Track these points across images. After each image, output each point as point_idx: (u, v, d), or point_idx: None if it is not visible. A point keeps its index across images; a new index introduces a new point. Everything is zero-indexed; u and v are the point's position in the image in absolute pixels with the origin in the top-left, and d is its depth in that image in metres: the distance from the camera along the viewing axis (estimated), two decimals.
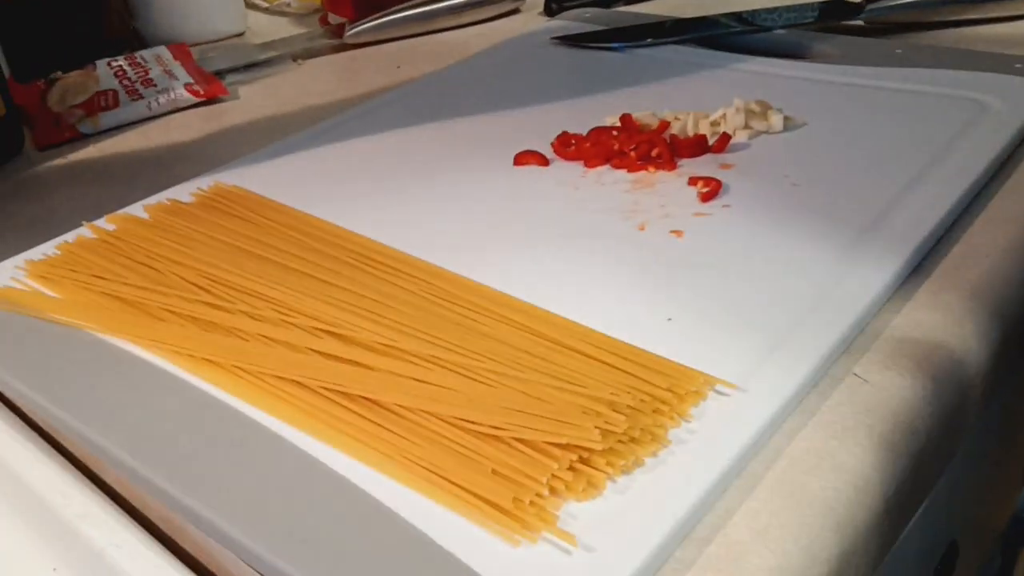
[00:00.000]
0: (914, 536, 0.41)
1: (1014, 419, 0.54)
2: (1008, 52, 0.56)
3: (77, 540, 0.30)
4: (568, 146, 0.49)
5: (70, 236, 0.44)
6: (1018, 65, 0.53)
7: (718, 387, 0.31)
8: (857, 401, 0.31)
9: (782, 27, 0.63)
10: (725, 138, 0.48)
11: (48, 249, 0.43)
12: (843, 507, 0.28)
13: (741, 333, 0.33)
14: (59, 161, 0.58)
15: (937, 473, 0.34)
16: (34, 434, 0.34)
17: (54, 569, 0.30)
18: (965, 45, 0.60)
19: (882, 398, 0.32)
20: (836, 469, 0.29)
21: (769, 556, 0.26)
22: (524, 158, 0.48)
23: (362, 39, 0.74)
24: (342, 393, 0.31)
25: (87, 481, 0.32)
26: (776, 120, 0.49)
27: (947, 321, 0.35)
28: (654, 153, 0.47)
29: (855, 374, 0.33)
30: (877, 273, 0.36)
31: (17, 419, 0.35)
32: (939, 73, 0.54)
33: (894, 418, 0.31)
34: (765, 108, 0.50)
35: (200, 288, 0.38)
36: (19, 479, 0.32)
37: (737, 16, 0.66)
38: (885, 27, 0.65)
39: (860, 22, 0.65)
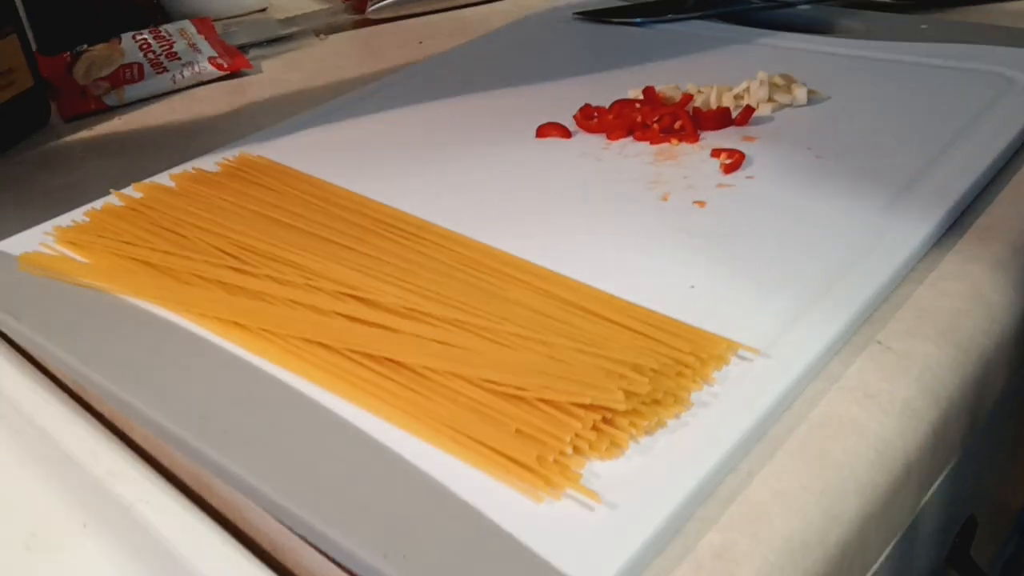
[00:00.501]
0: (933, 507, 0.41)
1: None
2: None
3: (107, 497, 0.30)
4: (590, 119, 0.49)
5: (98, 204, 0.44)
6: None
7: (741, 352, 0.31)
8: (880, 368, 0.31)
9: (806, 2, 0.63)
10: (748, 111, 0.48)
11: (77, 216, 0.43)
12: (864, 471, 0.28)
13: (764, 301, 0.34)
14: (85, 133, 0.59)
15: (959, 442, 0.34)
16: (64, 395, 0.34)
17: (84, 525, 0.30)
18: (990, 21, 0.59)
19: (905, 365, 0.32)
20: (858, 434, 0.29)
21: (791, 517, 0.26)
22: (546, 130, 0.49)
23: (384, 14, 0.74)
24: (367, 355, 0.31)
25: (116, 439, 0.32)
26: (800, 93, 0.49)
27: (972, 291, 0.35)
28: (677, 125, 0.47)
29: (878, 341, 0.33)
30: (901, 243, 0.36)
31: (47, 380, 0.35)
32: (964, 48, 0.53)
33: (917, 385, 0.31)
34: (789, 81, 0.50)
35: (227, 254, 0.38)
36: (50, 438, 0.33)
37: None
38: (910, 3, 0.64)
39: None
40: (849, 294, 0.33)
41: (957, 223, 0.39)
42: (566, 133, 0.48)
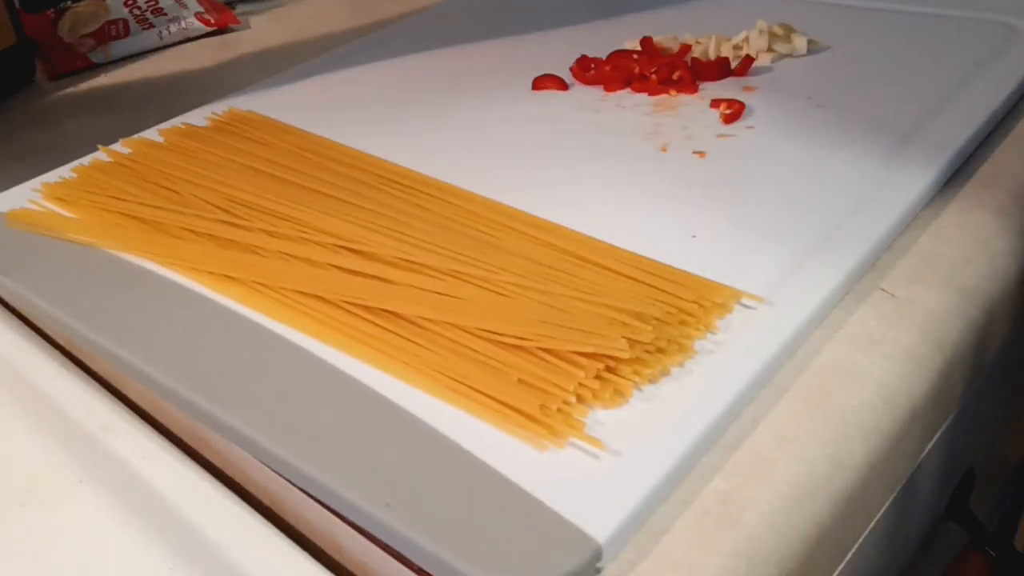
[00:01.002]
0: (934, 458, 0.41)
1: None
2: None
3: (102, 452, 0.30)
4: (587, 70, 0.48)
5: (85, 160, 0.43)
6: None
7: (744, 300, 0.30)
8: (883, 315, 0.31)
9: None
10: (748, 61, 0.47)
11: (64, 172, 0.43)
12: (869, 417, 0.28)
13: (767, 249, 0.33)
14: (71, 90, 0.58)
15: (962, 391, 0.34)
16: (56, 351, 0.34)
17: (80, 481, 0.30)
18: None
19: (909, 312, 0.31)
20: (862, 380, 0.29)
21: (795, 463, 0.26)
22: (543, 82, 0.48)
23: None
24: (364, 307, 0.31)
25: (109, 395, 0.32)
26: (800, 43, 0.48)
27: (975, 239, 0.35)
28: (675, 76, 0.46)
29: (882, 289, 0.32)
30: (904, 190, 0.36)
31: (39, 337, 0.35)
32: None
33: (920, 332, 0.31)
34: (788, 31, 0.49)
35: (218, 208, 0.37)
36: (43, 395, 0.32)
37: None
38: None
39: None
40: (852, 242, 0.33)
41: (960, 171, 0.38)
42: (563, 85, 0.47)
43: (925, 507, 0.42)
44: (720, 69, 0.46)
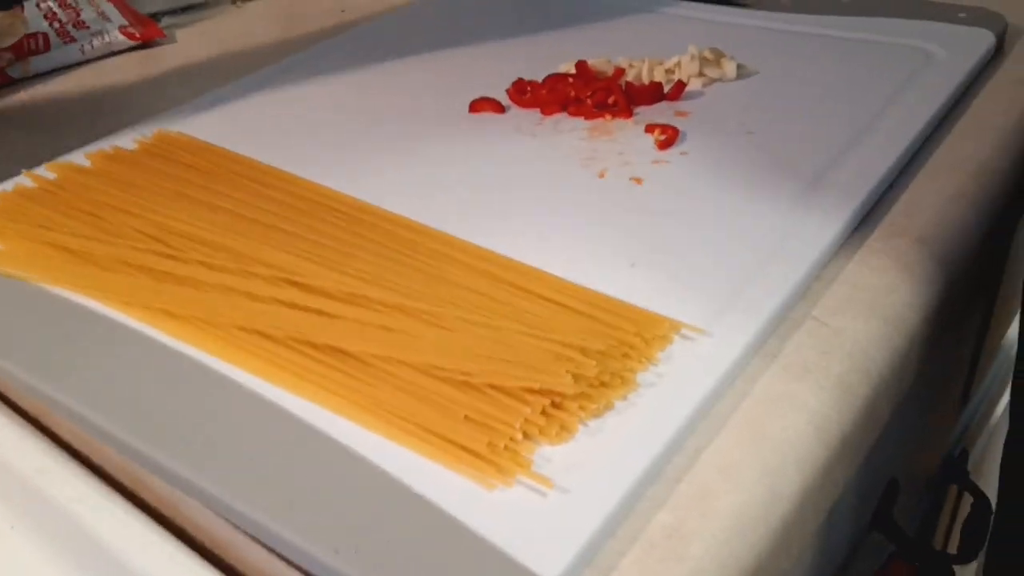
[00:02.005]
0: (860, 475, 0.42)
1: (951, 360, 0.57)
2: (952, 2, 0.57)
3: (35, 497, 0.29)
4: (524, 93, 0.48)
5: (8, 185, 0.42)
6: (962, 15, 0.54)
7: (684, 331, 0.31)
8: (816, 344, 0.32)
9: None
10: (680, 86, 0.48)
11: None
12: (804, 446, 0.29)
13: (703, 279, 0.34)
14: None
15: (888, 413, 0.35)
16: None
17: (12, 527, 0.29)
18: None
19: (839, 341, 0.32)
20: (797, 409, 0.30)
21: (736, 494, 0.27)
22: (480, 105, 0.48)
23: None
24: (307, 343, 0.31)
25: (43, 436, 0.31)
26: (730, 68, 0.49)
27: (898, 266, 0.36)
28: (610, 101, 0.47)
29: (814, 317, 0.33)
30: (832, 219, 0.37)
31: None
32: (885, 22, 0.55)
33: (850, 360, 0.32)
34: (719, 56, 0.50)
35: (151, 238, 0.37)
36: None
37: None
38: None
39: None
40: (784, 272, 0.34)
41: (883, 198, 0.40)
42: (500, 108, 0.48)
43: (852, 520, 0.44)
44: (654, 94, 0.47)
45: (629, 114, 0.46)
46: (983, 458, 0.75)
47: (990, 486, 0.75)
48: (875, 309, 0.34)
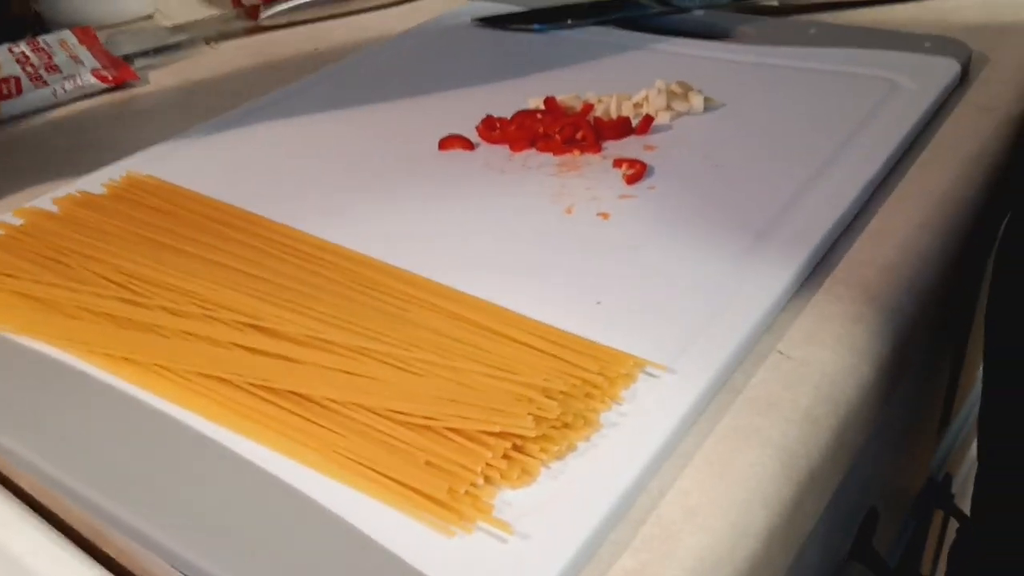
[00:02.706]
0: (835, 507, 0.42)
1: (927, 388, 0.57)
2: (917, 31, 0.57)
3: None
4: (493, 130, 0.48)
5: None
6: (927, 44, 0.55)
7: (648, 369, 0.31)
8: (781, 377, 0.32)
9: (700, 7, 0.64)
10: (648, 120, 0.48)
11: None
12: (770, 482, 0.29)
13: (668, 315, 0.34)
14: None
15: (857, 444, 0.35)
16: None
17: None
18: (877, 25, 0.61)
19: (804, 373, 0.32)
20: (762, 445, 0.29)
21: (700, 534, 0.27)
22: (449, 143, 0.48)
23: (278, 21, 0.72)
24: (269, 388, 0.30)
25: (1, 488, 0.30)
26: (697, 101, 0.49)
27: (865, 296, 0.36)
28: (579, 136, 0.47)
29: (779, 351, 0.33)
30: (796, 251, 0.37)
31: None
32: (851, 52, 0.55)
33: (816, 392, 0.32)
34: (686, 89, 0.50)
35: (116, 284, 0.36)
36: None
37: None
38: (799, 8, 0.66)
39: (775, 2, 0.66)
40: (748, 305, 0.34)
41: (850, 228, 0.40)
42: (469, 145, 0.48)
43: (829, 552, 0.44)
44: (622, 128, 0.48)
45: (597, 149, 0.46)
46: (967, 482, 0.75)
47: None
48: (842, 339, 0.34)
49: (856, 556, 0.47)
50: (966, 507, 0.67)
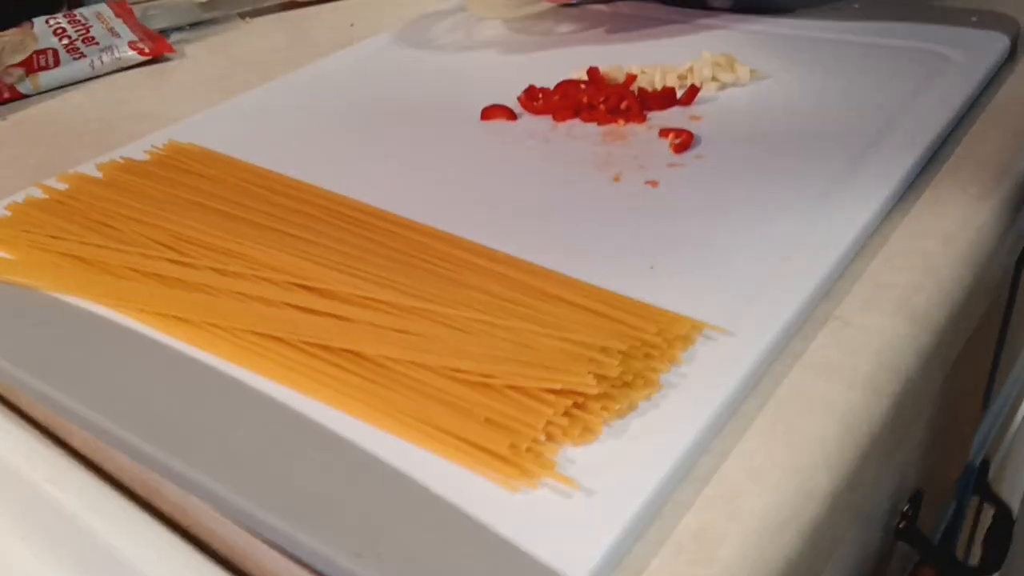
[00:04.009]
0: (888, 481, 0.41)
1: (972, 368, 0.56)
2: (962, 6, 0.56)
3: (47, 506, 0.28)
4: (535, 100, 0.48)
5: (19, 196, 0.42)
6: (974, 19, 0.54)
7: (706, 331, 0.31)
8: (841, 343, 0.32)
9: None
10: (693, 90, 0.47)
11: None
12: (833, 446, 0.28)
13: (723, 280, 0.33)
14: None
15: (914, 415, 0.34)
16: None
17: (22, 538, 0.29)
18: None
19: (864, 339, 0.32)
20: (825, 409, 0.29)
21: (765, 495, 0.26)
22: (491, 112, 0.48)
23: None
24: (324, 347, 0.30)
25: (53, 445, 0.30)
26: (743, 72, 0.49)
27: (924, 266, 0.35)
28: (623, 106, 0.46)
29: (836, 317, 0.33)
30: (852, 218, 0.36)
31: None
32: (896, 26, 0.54)
33: (877, 359, 0.31)
34: (731, 61, 0.50)
35: (163, 245, 0.36)
36: None
37: None
38: None
39: None
40: (806, 269, 0.33)
41: (904, 197, 0.39)
42: (511, 115, 0.47)
43: (880, 529, 0.43)
44: (667, 99, 0.47)
45: (642, 119, 0.46)
46: (1004, 467, 0.74)
47: (1012, 496, 0.74)
48: (901, 308, 0.33)
49: (902, 535, 0.46)
50: (1003, 492, 0.66)
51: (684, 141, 0.43)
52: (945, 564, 0.51)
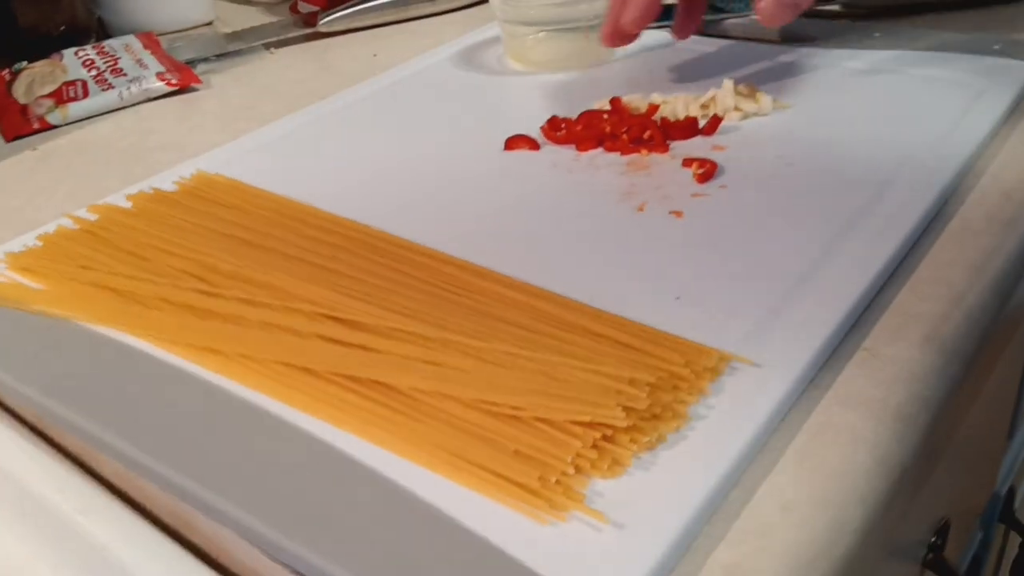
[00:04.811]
0: (917, 512, 0.41)
1: (998, 398, 0.55)
2: (985, 35, 0.56)
3: (77, 538, 0.29)
4: (558, 130, 0.48)
5: (50, 227, 0.42)
6: (996, 47, 0.54)
7: (733, 363, 0.31)
8: (869, 375, 0.31)
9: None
10: (716, 120, 0.48)
11: (28, 240, 0.41)
12: (864, 480, 0.28)
13: (750, 310, 0.33)
14: (29, 152, 0.56)
15: (945, 447, 0.34)
16: (25, 430, 0.33)
17: (54, 568, 0.29)
18: (939, 29, 0.60)
19: (893, 371, 0.32)
20: (855, 442, 0.29)
21: (798, 529, 0.26)
22: (515, 142, 0.48)
23: (335, 27, 0.73)
24: (353, 379, 0.30)
25: (85, 476, 0.31)
26: (765, 102, 0.49)
27: (950, 294, 0.35)
28: (646, 135, 0.46)
29: (864, 348, 0.33)
30: (879, 248, 0.36)
31: (6, 415, 0.33)
32: (919, 55, 0.54)
33: (907, 390, 0.31)
34: (753, 90, 0.50)
35: (193, 276, 0.37)
36: (11, 477, 0.31)
37: (712, 5, 0.65)
38: (861, 11, 0.65)
39: (836, 7, 0.65)
40: (833, 300, 0.33)
41: (931, 225, 0.39)
42: (535, 145, 0.48)
43: (909, 560, 0.43)
44: (689, 128, 0.47)
45: (665, 149, 0.46)
46: None
47: None
48: (929, 339, 0.33)
49: (929, 565, 0.46)
50: None
51: (708, 171, 0.43)
52: None
